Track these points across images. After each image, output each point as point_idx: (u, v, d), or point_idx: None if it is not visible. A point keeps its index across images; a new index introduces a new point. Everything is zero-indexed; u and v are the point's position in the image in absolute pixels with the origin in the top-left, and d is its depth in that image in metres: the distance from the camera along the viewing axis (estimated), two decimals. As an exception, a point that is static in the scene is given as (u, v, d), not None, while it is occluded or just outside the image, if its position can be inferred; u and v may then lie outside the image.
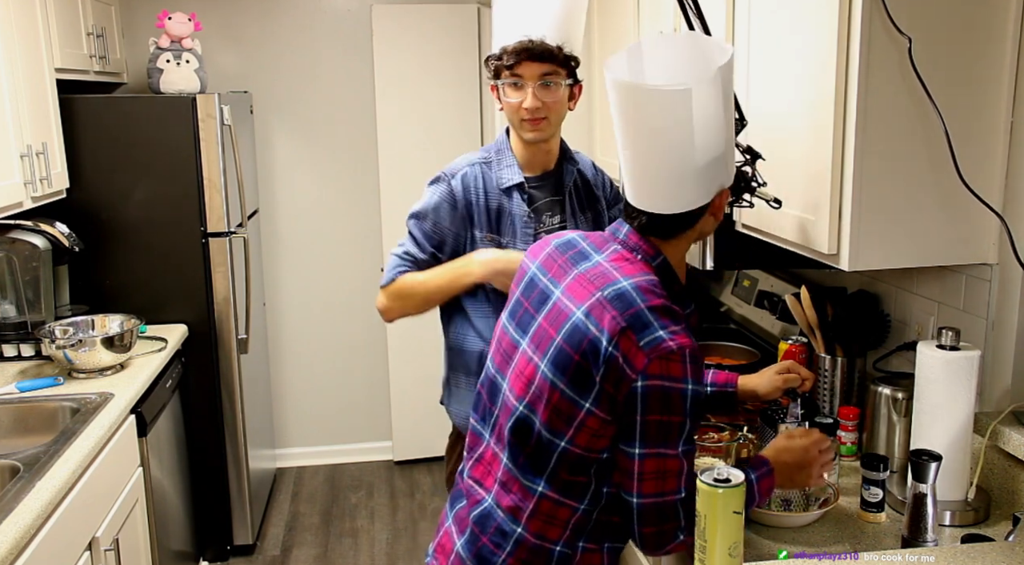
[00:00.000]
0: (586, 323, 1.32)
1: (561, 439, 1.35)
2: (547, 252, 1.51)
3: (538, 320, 1.42)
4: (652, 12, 2.52)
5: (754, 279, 2.66)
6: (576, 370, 1.33)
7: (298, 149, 3.99)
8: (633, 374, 1.28)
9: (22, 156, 2.49)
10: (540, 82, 1.82)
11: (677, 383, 1.28)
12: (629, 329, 1.29)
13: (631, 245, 1.42)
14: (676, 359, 1.28)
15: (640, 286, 1.33)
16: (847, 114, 1.52)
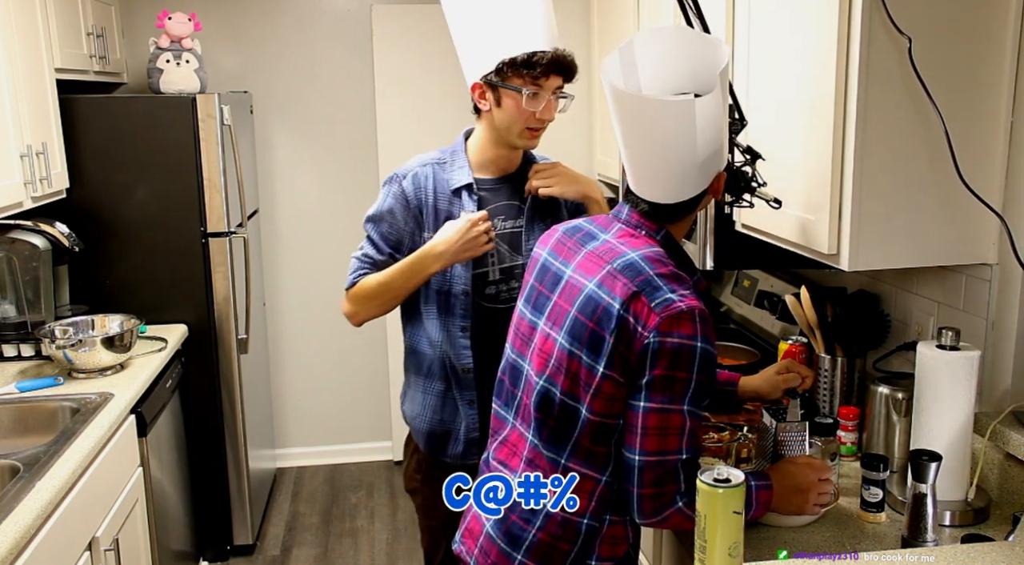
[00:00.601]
0: (598, 293, 1.39)
1: (581, 406, 1.39)
2: (556, 238, 1.57)
3: (553, 299, 1.48)
4: (652, 12, 2.52)
5: (754, 279, 2.66)
6: (591, 336, 1.37)
7: (298, 149, 3.99)
8: (646, 332, 1.33)
9: (22, 156, 2.49)
10: (555, 94, 1.81)
11: (688, 340, 1.34)
12: (640, 293, 1.35)
13: (634, 223, 1.48)
14: (687, 318, 1.35)
15: (647, 256, 1.41)
16: (847, 114, 1.52)
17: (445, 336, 1.89)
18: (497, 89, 1.80)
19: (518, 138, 1.85)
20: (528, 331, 1.53)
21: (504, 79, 1.78)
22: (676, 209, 1.47)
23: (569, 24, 3.35)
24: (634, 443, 1.36)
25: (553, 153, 2.03)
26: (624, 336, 1.35)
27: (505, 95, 1.80)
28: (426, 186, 1.88)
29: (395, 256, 1.89)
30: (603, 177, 3.26)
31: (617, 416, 1.39)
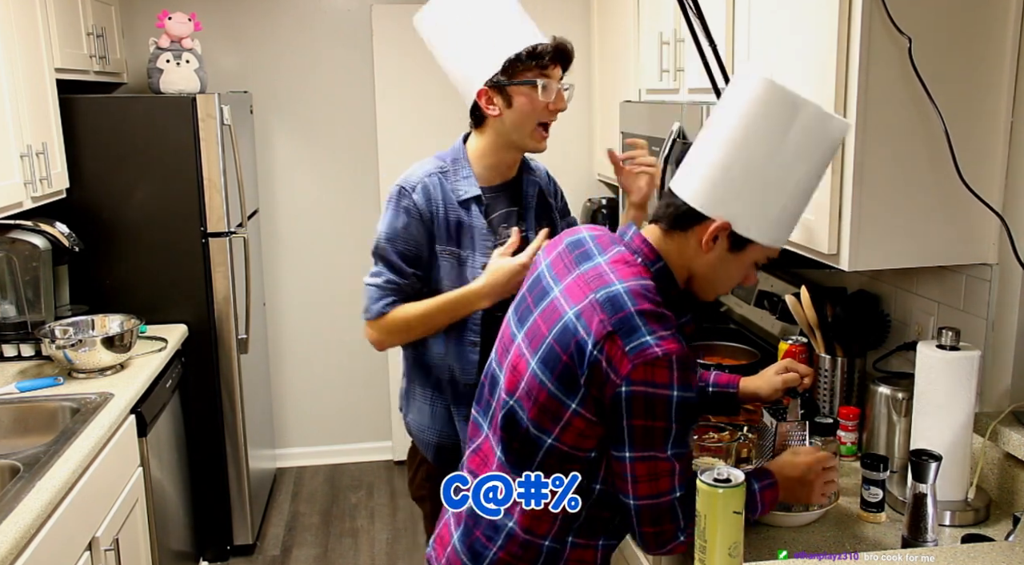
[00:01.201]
0: (576, 324, 1.32)
1: (548, 436, 1.36)
2: (558, 250, 1.51)
3: (535, 315, 1.43)
4: (652, 12, 2.52)
5: (754, 279, 2.66)
6: (563, 370, 1.33)
7: (298, 149, 3.99)
8: (617, 379, 1.27)
9: (22, 156, 2.49)
10: (561, 86, 1.80)
11: (662, 389, 1.27)
12: (616, 333, 1.28)
13: (634, 247, 1.41)
14: (662, 365, 1.26)
15: (632, 290, 1.32)
16: (847, 114, 1.53)
17: (454, 350, 1.84)
18: (505, 89, 1.77)
19: (530, 138, 1.82)
20: (508, 341, 1.50)
21: (512, 76, 1.75)
22: (687, 221, 1.37)
23: (569, 24, 3.36)
24: (626, 489, 1.33)
25: (553, 153, 2.03)
26: (596, 379, 1.29)
27: (516, 93, 1.77)
28: (435, 197, 1.81)
29: (417, 274, 1.83)
30: (603, 177, 3.26)
31: (588, 450, 1.35)
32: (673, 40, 2.31)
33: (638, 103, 2.61)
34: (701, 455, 1.76)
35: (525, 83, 1.75)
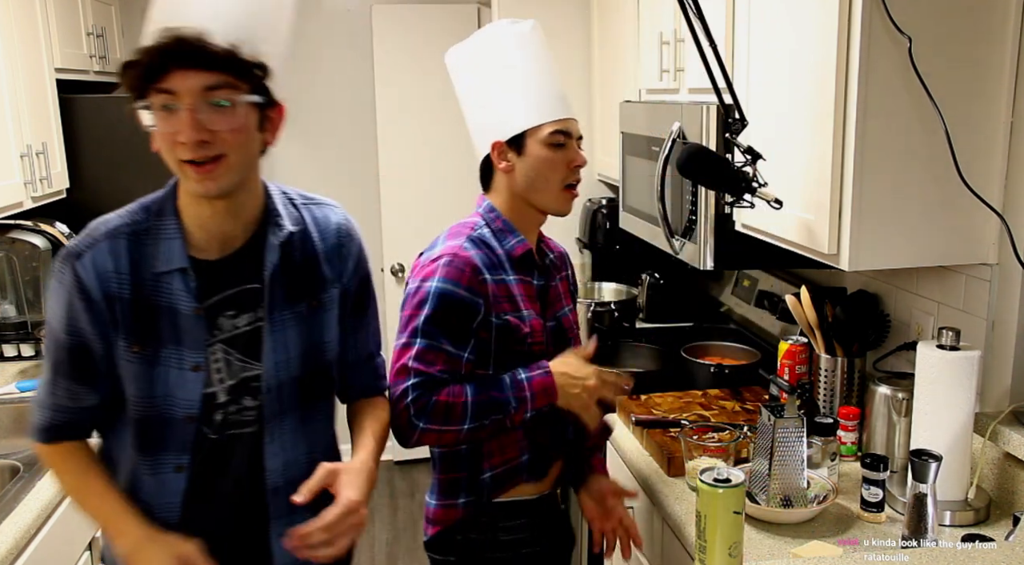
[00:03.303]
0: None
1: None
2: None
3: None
4: (652, 12, 2.52)
5: (754, 279, 2.66)
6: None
7: (298, 149, 3.99)
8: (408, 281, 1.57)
9: (22, 156, 2.49)
10: (204, 101, 1.19)
11: (426, 283, 1.51)
12: (421, 255, 1.61)
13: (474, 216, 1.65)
14: (436, 263, 1.53)
15: (447, 234, 1.61)
16: (847, 114, 1.53)
17: (151, 481, 1.33)
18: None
19: (183, 177, 1.26)
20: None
21: (134, 95, 1.22)
22: (486, 170, 1.67)
23: (569, 24, 3.35)
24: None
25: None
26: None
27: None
28: (115, 269, 1.28)
29: (93, 387, 1.32)
30: (603, 177, 3.26)
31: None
32: (673, 40, 2.31)
33: (638, 103, 2.61)
34: (701, 455, 1.76)
35: (139, 105, 1.21)
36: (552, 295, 1.70)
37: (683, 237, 2.10)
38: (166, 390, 1.29)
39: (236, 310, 1.32)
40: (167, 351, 1.29)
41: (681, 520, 1.64)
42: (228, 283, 1.31)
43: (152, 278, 1.27)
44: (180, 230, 1.28)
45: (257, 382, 1.33)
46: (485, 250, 1.57)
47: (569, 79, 3.38)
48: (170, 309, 1.28)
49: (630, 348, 2.59)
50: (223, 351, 1.31)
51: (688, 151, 1.64)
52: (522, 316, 1.58)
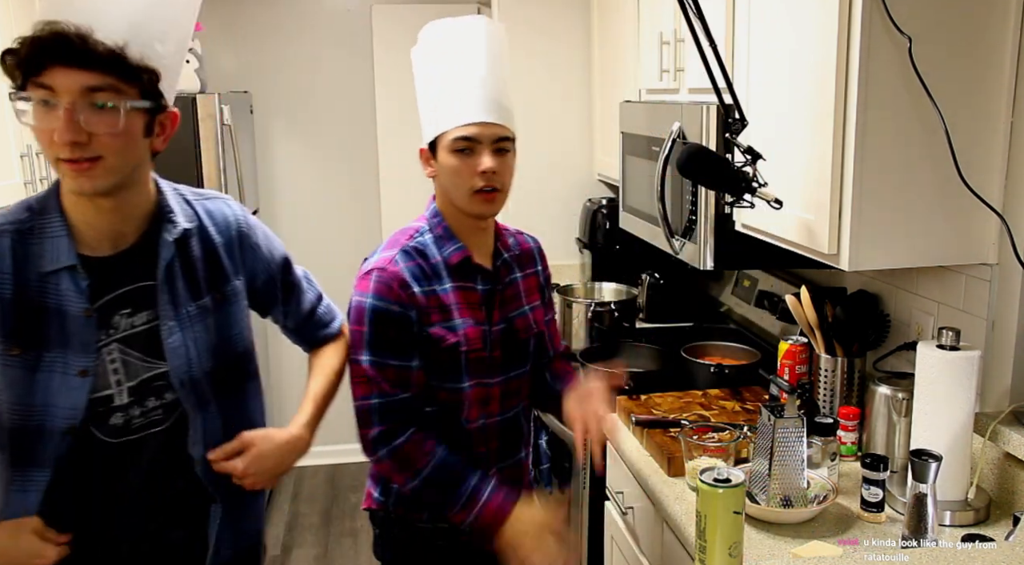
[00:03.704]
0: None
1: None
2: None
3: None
4: (652, 12, 2.52)
5: (754, 279, 2.66)
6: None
7: (298, 149, 3.99)
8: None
9: (22, 156, 2.49)
10: (85, 101, 1.15)
11: (362, 298, 1.54)
12: (366, 259, 1.61)
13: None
14: (368, 278, 1.54)
15: (387, 242, 1.65)
16: (847, 114, 1.53)
17: (18, 498, 1.26)
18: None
19: (62, 176, 1.23)
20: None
21: (15, 86, 1.21)
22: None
23: (569, 24, 3.36)
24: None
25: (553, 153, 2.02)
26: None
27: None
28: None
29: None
30: (603, 177, 3.26)
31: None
32: (673, 40, 2.31)
33: (638, 103, 2.61)
34: (701, 455, 1.76)
35: (17, 99, 1.18)
36: (508, 295, 1.67)
37: (683, 237, 2.10)
38: (47, 398, 1.23)
39: (132, 308, 1.28)
40: (51, 355, 1.22)
41: (681, 520, 1.64)
42: (122, 281, 1.27)
43: (38, 278, 1.21)
44: (66, 227, 1.23)
45: (161, 381, 1.31)
46: (419, 260, 1.58)
47: (569, 79, 3.40)
48: (58, 310, 1.22)
49: (630, 348, 2.59)
50: (120, 351, 1.27)
51: (688, 151, 1.64)
52: (453, 325, 1.57)
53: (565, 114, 3.36)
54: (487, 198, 1.56)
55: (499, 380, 1.64)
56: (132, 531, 1.36)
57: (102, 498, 1.32)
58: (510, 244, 1.72)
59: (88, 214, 1.25)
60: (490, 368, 1.62)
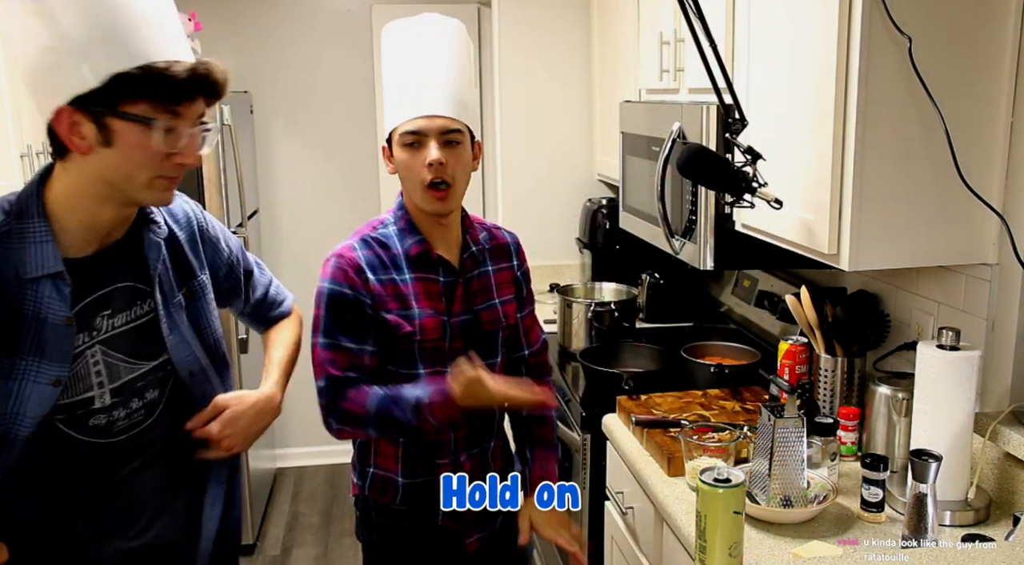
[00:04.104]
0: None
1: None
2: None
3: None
4: (652, 12, 2.52)
5: (754, 279, 2.66)
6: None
7: (298, 149, 3.99)
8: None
9: (22, 156, 2.49)
10: (200, 128, 1.25)
11: (321, 282, 1.63)
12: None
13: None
14: (327, 264, 1.64)
15: (354, 231, 1.72)
16: (847, 114, 1.53)
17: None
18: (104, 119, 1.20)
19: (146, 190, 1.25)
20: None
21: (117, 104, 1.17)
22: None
23: (569, 24, 3.36)
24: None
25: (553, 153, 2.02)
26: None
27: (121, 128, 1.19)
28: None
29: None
30: (603, 177, 3.26)
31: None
32: (673, 40, 2.31)
33: (638, 103, 2.61)
34: (701, 455, 1.76)
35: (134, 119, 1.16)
36: (475, 288, 1.70)
37: (683, 237, 2.10)
38: (17, 406, 1.19)
39: (112, 309, 1.27)
40: (25, 363, 1.19)
41: (681, 520, 1.64)
42: (100, 283, 1.26)
43: (16, 284, 1.18)
44: (51, 232, 1.20)
45: (142, 381, 1.32)
46: (378, 249, 1.64)
47: (569, 79, 3.40)
48: (35, 318, 1.19)
49: (630, 348, 2.59)
50: (103, 353, 1.26)
51: (688, 151, 1.64)
52: (410, 314, 1.61)
53: (565, 114, 3.36)
54: (438, 195, 1.59)
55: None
56: (120, 529, 1.36)
57: (83, 499, 1.31)
58: (480, 238, 1.74)
59: (100, 217, 1.24)
60: (450, 358, 1.62)
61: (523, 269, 1.83)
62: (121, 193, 1.22)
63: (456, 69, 1.63)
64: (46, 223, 1.20)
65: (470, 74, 1.68)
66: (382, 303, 1.61)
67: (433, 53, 1.62)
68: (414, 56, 1.62)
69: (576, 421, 2.31)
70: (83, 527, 1.32)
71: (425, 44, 1.63)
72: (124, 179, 1.20)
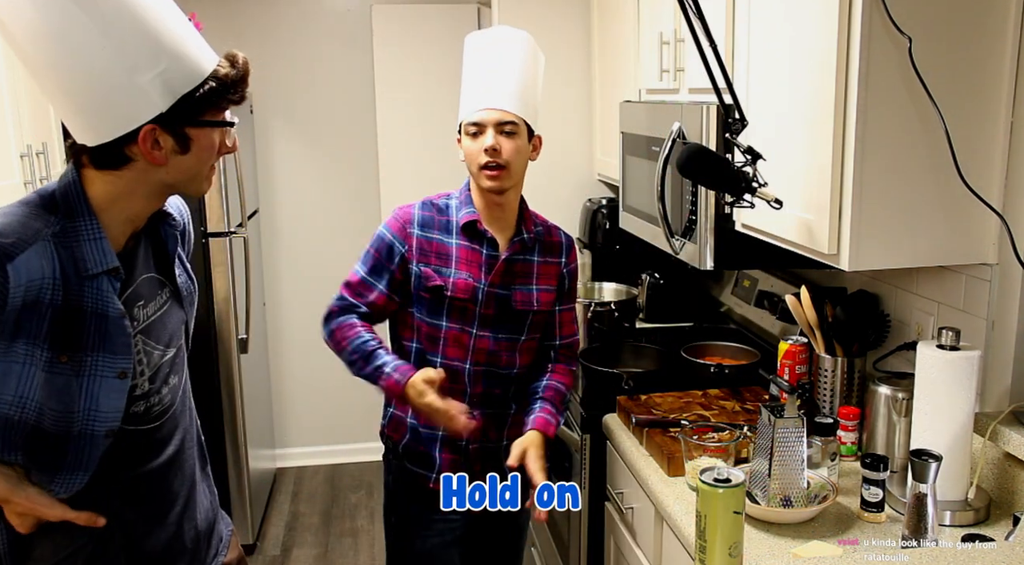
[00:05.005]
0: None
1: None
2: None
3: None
4: (652, 12, 2.52)
5: (754, 279, 2.66)
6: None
7: (298, 149, 3.99)
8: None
9: (22, 156, 2.49)
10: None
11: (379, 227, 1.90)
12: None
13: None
14: (392, 213, 1.90)
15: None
16: (847, 114, 1.53)
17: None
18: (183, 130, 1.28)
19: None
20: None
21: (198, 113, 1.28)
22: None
23: (569, 24, 3.36)
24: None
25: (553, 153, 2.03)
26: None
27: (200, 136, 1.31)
28: (46, 274, 1.19)
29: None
30: (603, 177, 3.26)
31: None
32: (673, 40, 2.31)
33: (638, 103, 2.61)
34: (701, 455, 1.76)
35: (215, 125, 1.29)
36: (517, 269, 1.90)
37: (683, 237, 2.10)
38: (90, 403, 1.24)
39: (144, 300, 1.32)
40: (91, 358, 1.23)
41: (681, 520, 1.64)
42: (133, 275, 1.31)
43: (77, 282, 1.21)
44: (102, 229, 1.24)
45: (168, 368, 1.37)
46: (434, 212, 1.89)
47: (569, 79, 3.39)
48: (95, 313, 1.22)
49: (630, 348, 2.59)
50: (143, 342, 1.32)
51: (688, 151, 1.64)
52: (446, 272, 1.84)
53: (565, 114, 3.36)
54: (490, 174, 1.81)
55: (486, 334, 1.87)
56: (162, 516, 1.41)
57: (132, 488, 1.35)
58: (534, 229, 1.94)
59: (139, 211, 1.29)
60: (478, 321, 1.86)
61: (570, 268, 2.01)
62: (176, 189, 1.33)
63: (515, 71, 1.84)
64: (95, 219, 1.24)
65: (531, 76, 1.87)
66: (423, 256, 1.85)
67: (496, 58, 1.85)
68: (480, 61, 1.86)
69: (576, 421, 2.31)
70: (129, 517, 1.36)
71: (491, 51, 1.86)
72: (190, 179, 1.31)
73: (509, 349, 1.91)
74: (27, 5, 1.14)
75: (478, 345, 1.87)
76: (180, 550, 1.45)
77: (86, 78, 1.18)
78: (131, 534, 1.36)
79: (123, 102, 1.19)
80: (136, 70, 1.18)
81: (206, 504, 1.54)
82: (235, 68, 1.27)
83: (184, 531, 1.45)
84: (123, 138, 1.20)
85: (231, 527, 1.64)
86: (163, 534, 1.41)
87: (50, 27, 1.15)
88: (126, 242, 1.30)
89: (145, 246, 1.34)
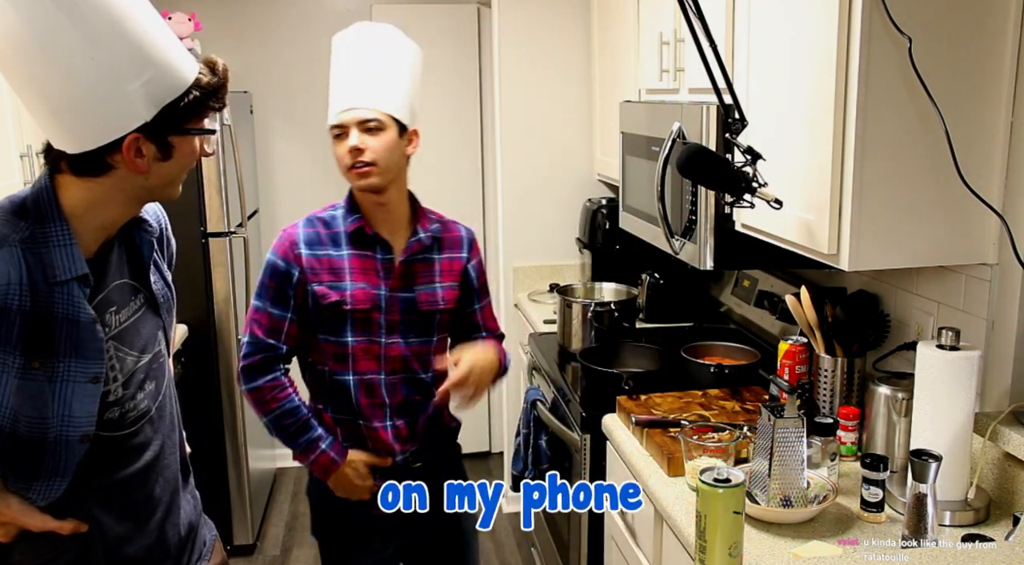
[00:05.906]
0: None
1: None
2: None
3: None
4: (652, 12, 2.53)
5: (754, 279, 2.66)
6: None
7: (298, 149, 3.99)
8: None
9: (22, 156, 2.49)
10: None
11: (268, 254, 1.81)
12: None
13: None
14: (277, 237, 1.82)
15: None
16: (847, 114, 1.53)
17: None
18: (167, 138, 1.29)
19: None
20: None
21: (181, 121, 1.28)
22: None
23: (569, 24, 3.36)
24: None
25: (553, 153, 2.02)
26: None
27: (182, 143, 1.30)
28: (12, 281, 1.20)
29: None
30: (603, 177, 3.26)
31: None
32: (673, 40, 2.31)
33: (638, 103, 2.61)
34: (701, 455, 1.76)
35: (198, 132, 1.30)
36: (417, 269, 1.85)
37: (683, 237, 2.10)
38: (63, 408, 1.24)
39: (116, 306, 1.32)
40: (63, 364, 1.24)
41: (681, 520, 1.64)
42: (105, 281, 1.31)
43: (46, 288, 1.21)
44: (73, 235, 1.24)
45: (142, 373, 1.37)
46: (320, 227, 1.82)
47: (569, 79, 3.40)
48: (67, 319, 1.23)
49: (630, 348, 2.59)
50: (115, 348, 1.32)
51: (688, 151, 1.64)
52: (342, 286, 1.78)
53: (565, 114, 3.36)
54: (358, 173, 1.76)
55: (396, 340, 1.82)
56: (143, 522, 1.41)
57: (107, 494, 1.35)
58: (430, 227, 1.89)
59: (113, 217, 1.29)
60: (385, 328, 1.81)
61: (474, 262, 1.95)
62: (153, 196, 1.34)
63: (377, 68, 1.78)
64: (66, 225, 1.24)
65: (398, 71, 1.80)
66: (315, 275, 1.78)
67: (358, 57, 1.78)
68: (341, 62, 1.81)
69: (576, 421, 2.31)
70: (109, 523, 1.35)
71: (353, 50, 1.80)
72: (167, 184, 1.30)
73: (422, 353, 1.86)
74: (12, 14, 1.13)
75: (389, 353, 1.81)
76: (163, 555, 1.44)
77: (73, 87, 1.17)
78: (112, 540, 1.36)
79: (109, 111, 1.19)
80: (123, 79, 1.18)
81: (189, 509, 1.52)
82: (216, 75, 1.29)
83: (167, 537, 1.44)
84: (106, 146, 1.20)
85: (215, 532, 1.62)
86: (145, 540, 1.40)
87: (35, 35, 1.14)
88: (99, 248, 1.29)
89: (119, 252, 1.34)
